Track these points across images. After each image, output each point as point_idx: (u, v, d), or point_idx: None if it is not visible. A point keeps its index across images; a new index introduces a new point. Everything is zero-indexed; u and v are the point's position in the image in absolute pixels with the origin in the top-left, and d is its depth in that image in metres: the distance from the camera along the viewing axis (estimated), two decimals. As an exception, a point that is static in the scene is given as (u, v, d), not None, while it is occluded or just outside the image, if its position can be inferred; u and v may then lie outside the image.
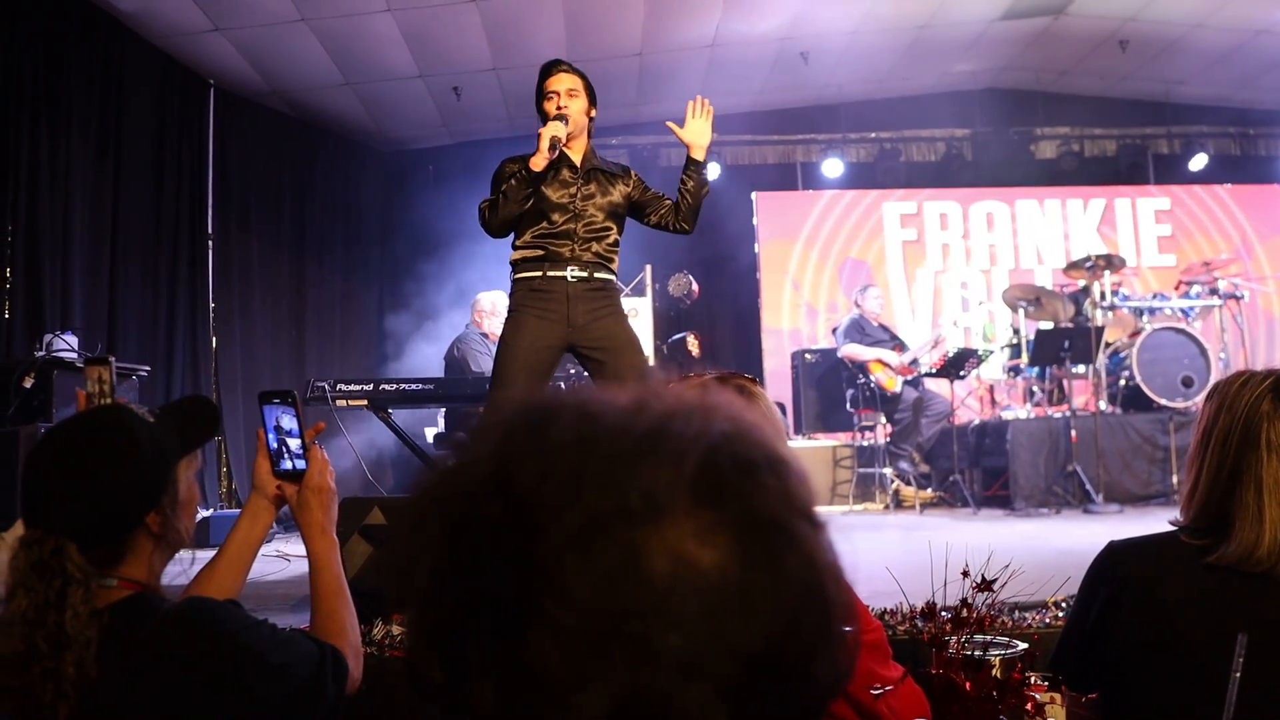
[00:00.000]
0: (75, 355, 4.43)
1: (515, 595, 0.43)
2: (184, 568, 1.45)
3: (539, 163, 3.20)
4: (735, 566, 0.44)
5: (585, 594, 0.42)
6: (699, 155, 3.39)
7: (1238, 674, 1.25)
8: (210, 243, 6.94)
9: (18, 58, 5.26)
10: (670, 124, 3.45)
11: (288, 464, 1.58)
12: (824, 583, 0.47)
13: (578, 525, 0.43)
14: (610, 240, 3.42)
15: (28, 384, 4.14)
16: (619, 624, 0.42)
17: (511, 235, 3.44)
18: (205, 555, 1.58)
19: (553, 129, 3.22)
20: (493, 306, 5.90)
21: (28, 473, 1.23)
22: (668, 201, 3.50)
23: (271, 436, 1.58)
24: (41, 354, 4.35)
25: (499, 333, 5.80)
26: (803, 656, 0.45)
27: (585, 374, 3.56)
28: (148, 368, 5.19)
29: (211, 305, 6.93)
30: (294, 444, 1.58)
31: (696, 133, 3.37)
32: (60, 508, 1.20)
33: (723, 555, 0.44)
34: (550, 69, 3.42)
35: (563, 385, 4.02)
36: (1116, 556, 1.54)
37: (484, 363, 5.57)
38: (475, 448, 0.49)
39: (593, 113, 3.45)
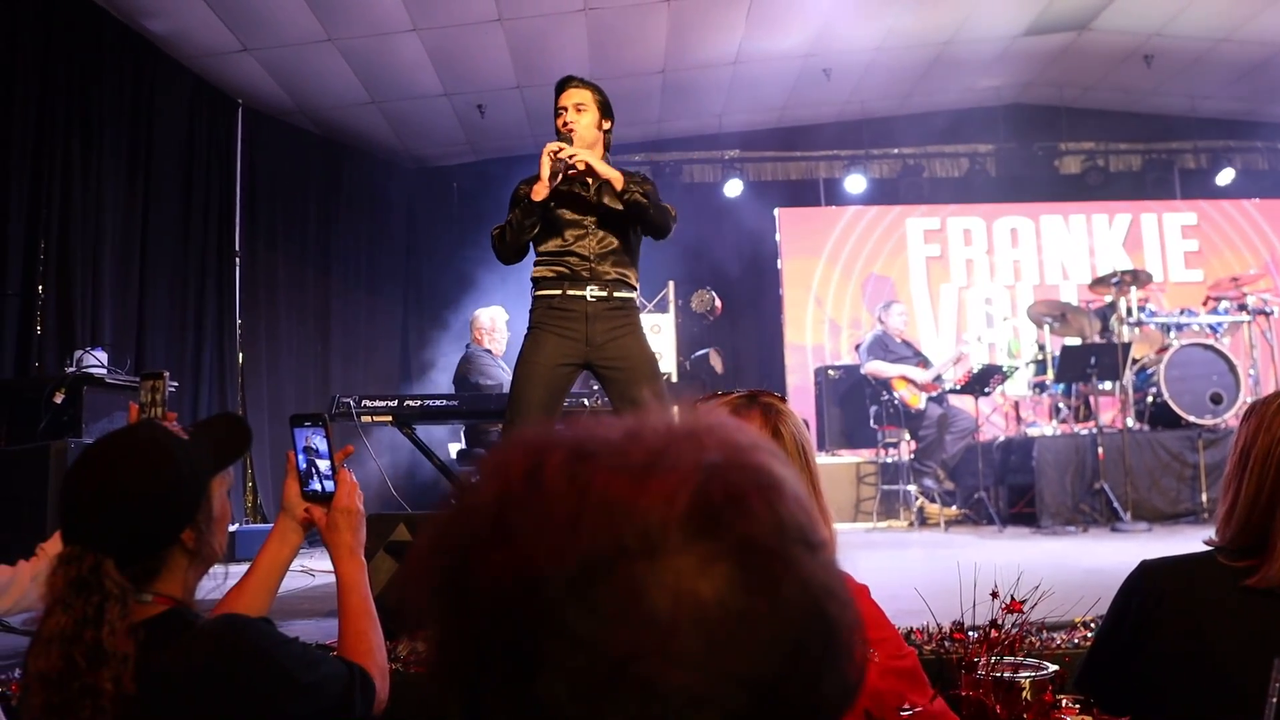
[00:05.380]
0: (105, 371, 4.48)
1: (522, 640, 0.44)
2: (217, 582, 1.47)
3: (540, 192, 3.18)
4: (734, 596, 0.44)
5: (590, 637, 0.43)
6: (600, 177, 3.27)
7: (1274, 699, 1.23)
8: (237, 259, 7.03)
9: (51, 78, 5.36)
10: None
11: (316, 485, 1.59)
12: (824, 604, 0.47)
13: (576, 570, 0.44)
14: (627, 256, 3.40)
15: (58, 399, 4.19)
16: (625, 664, 0.43)
17: (530, 252, 3.44)
18: (236, 570, 1.60)
19: (551, 152, 3.20)
20: (491, 323, 5.85)
21: (66, 490, 1.25)
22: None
23: (301, 458, 1.60)
24: (72, 370, 4.41)
25: (501, 348, 5.80)
26: (810, 678, 0.46)
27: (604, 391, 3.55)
28: (175, 384, 5.24)
29: (238, 321, 7.00)
30: (323, 465, 1.59)
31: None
32: (99, 524, 1.21)
33: (721, 586, 0.44)
34: (562, 85, 3.38)
35: (585, 402, 4.02)
36: (1151, 576, 1.52)
37: (495, 374, 5.54)
38: (475, 493, 0.50)
39: (606, 125, 3.39)
